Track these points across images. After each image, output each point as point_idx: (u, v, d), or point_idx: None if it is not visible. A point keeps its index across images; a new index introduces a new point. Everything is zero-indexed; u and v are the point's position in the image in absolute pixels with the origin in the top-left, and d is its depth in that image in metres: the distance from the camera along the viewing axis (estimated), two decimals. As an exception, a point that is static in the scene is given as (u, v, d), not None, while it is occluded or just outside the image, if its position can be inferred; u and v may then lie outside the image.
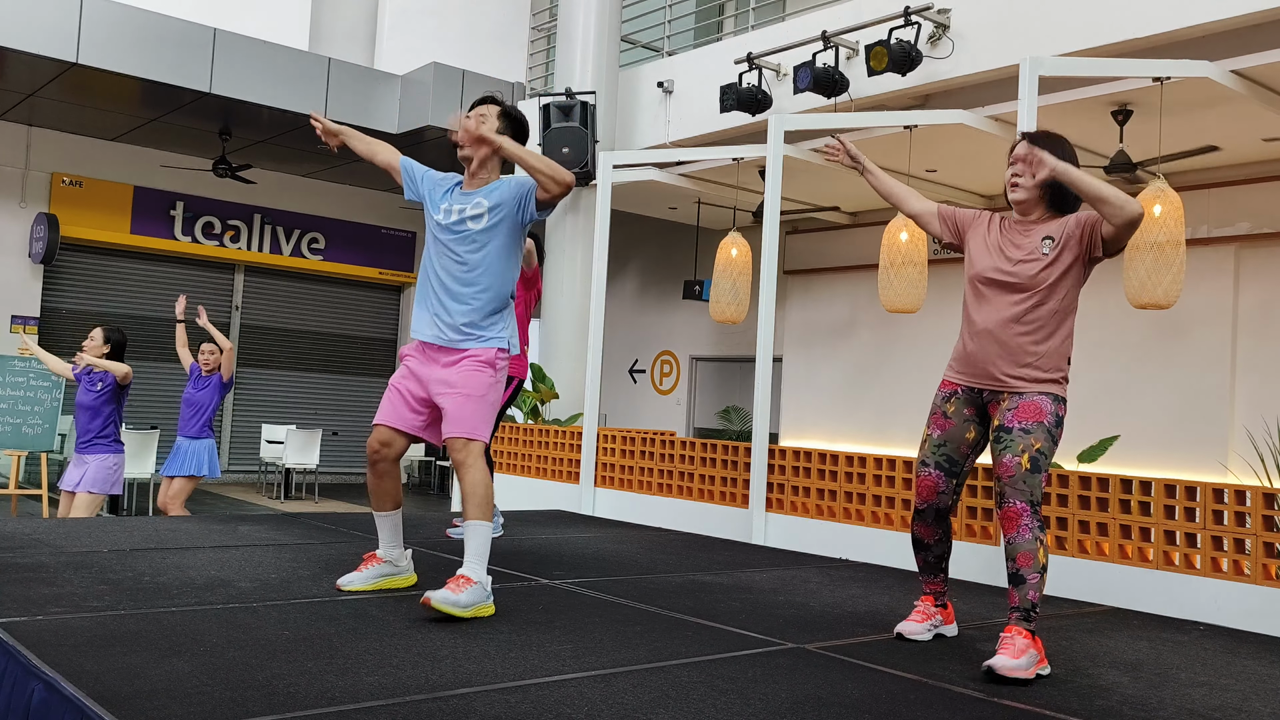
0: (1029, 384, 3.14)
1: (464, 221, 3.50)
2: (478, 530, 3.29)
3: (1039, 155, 3.09)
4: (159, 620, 2.92)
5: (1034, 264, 3.16)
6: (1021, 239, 3.24)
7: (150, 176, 13.14)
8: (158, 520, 5.30)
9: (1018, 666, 2.85)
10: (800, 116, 7.05)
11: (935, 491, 3.25)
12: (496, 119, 3.57)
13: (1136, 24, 6.65)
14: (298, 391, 14.65)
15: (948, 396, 3.31)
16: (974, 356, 3.24)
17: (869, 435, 10.49)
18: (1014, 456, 3.03)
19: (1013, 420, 3.09)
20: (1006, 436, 3.08)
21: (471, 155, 3.56)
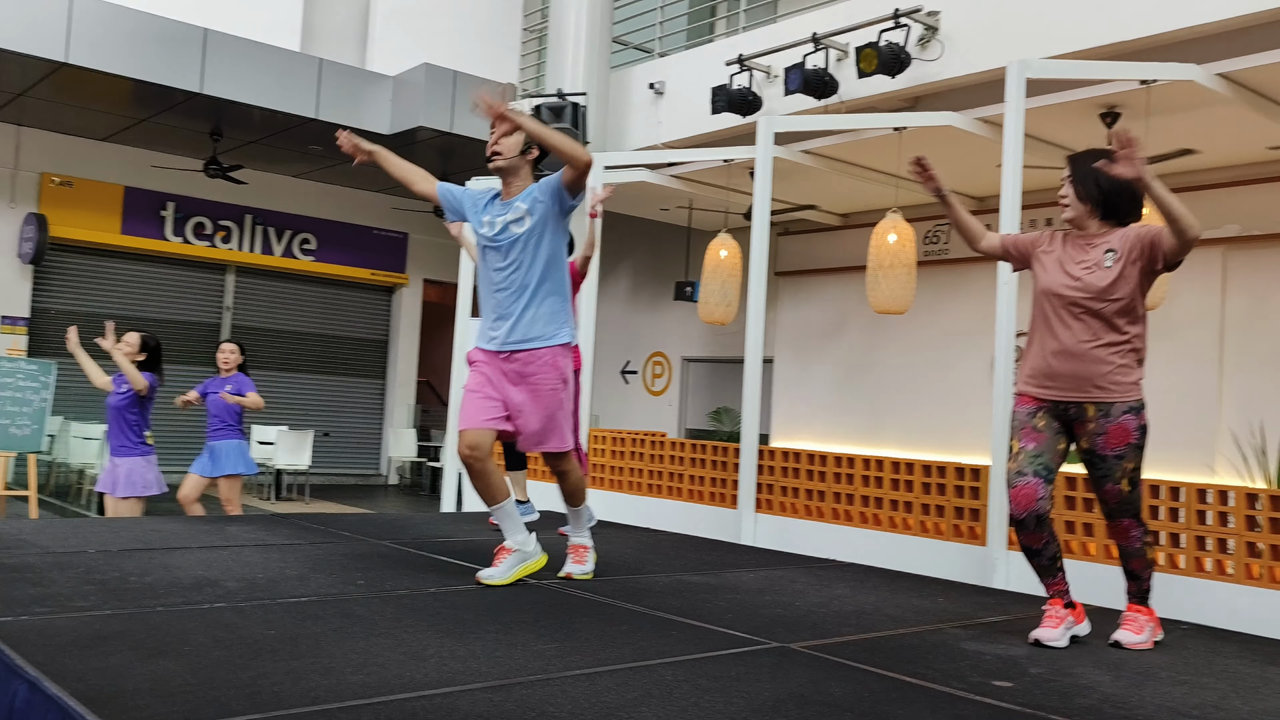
0: (1105, 392, 3.28)
1: (507, 228, 3.67)
2: (584, 512, 4.01)
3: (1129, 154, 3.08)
4: (144, 620, 2.92)
5: (1098, 275, 3.28)
6: (1084, 253, 3.35)
7: (141, 177, 13.12)
8: (146, 521, 5.30)
9: (1140, 641, 3.34)
10: (789, 118, 7.08)
11: (1035, 499, 3.31)
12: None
13: (1124, 27, 6.69)
14: (289, 392, 14.62)
15: (1033, 412, 3.41)
16: (1054, 372, 3.37)
17: (860, 436, 10.52)
18: (1114, 485, 3.33)
19: (1105, 448, 3.30)
20: (1104, 465, 3.32)
21: (505, 166, 3.72)
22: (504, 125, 3.70)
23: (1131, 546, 3.38)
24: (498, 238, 3.70)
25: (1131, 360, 3.31)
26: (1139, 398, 3.31)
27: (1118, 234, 3.31)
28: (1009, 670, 2.97)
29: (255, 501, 12.20)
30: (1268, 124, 6.82)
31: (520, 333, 3.68)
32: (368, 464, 15.38)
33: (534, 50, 12.76)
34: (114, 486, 6.41)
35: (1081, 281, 3.29)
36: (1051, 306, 3.37)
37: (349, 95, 11.32)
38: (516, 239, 3.66)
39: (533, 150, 3.78)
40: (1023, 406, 3.43)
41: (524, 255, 3.67)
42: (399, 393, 15.45)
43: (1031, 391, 3.42)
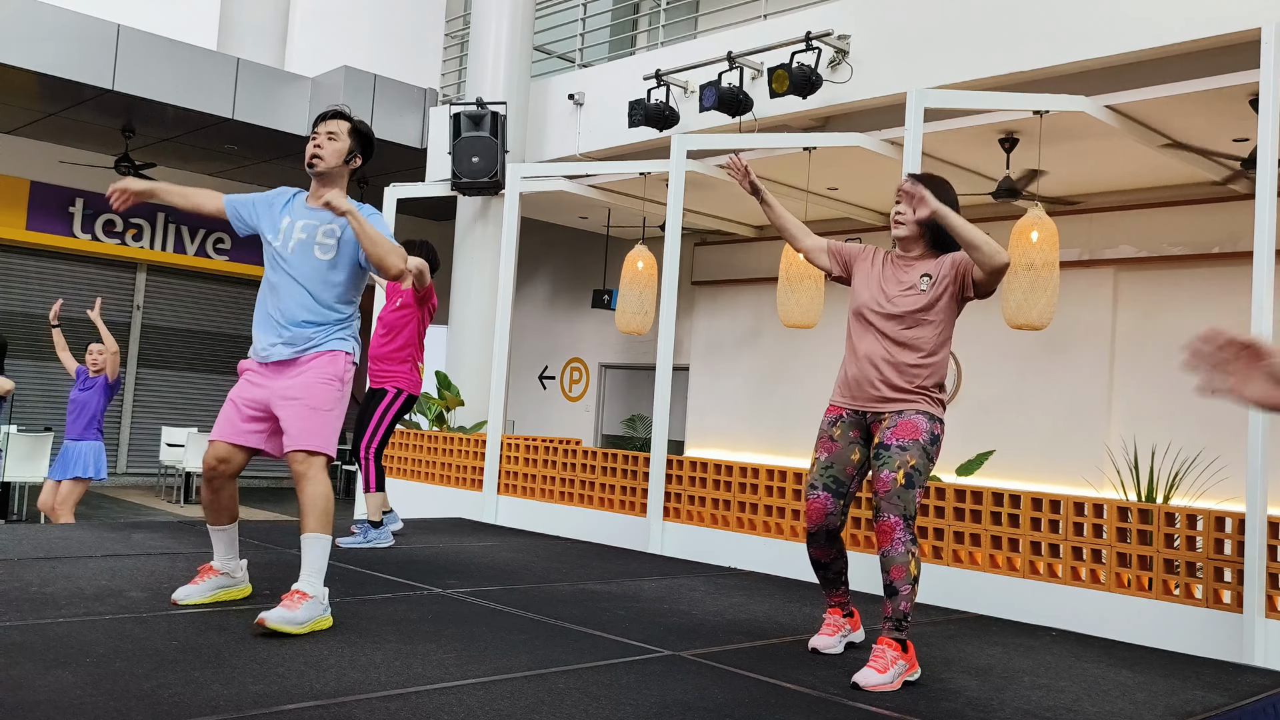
0: (906, 402, 3.33)
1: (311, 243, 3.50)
2: (318, 542, 3.29)
3: (921, 193, 3.27)
4: (45, 631, 2.96)
5: (912, 299, 3.37)
6: (903, 274, 3.44)
7: (48, 172, 12.81)
8: (49, 528, 5.25)
9: (884, 681, 3.04)
10: (702, 136, 7.25)
11: (824, 513, 3.39)
12: (347, 135, 3.57)
13: (1021, 58, 7.01)
14: (199, 393, 14.40)
15: (834, 421, 3.48)
16: (857, 381, 3.43)
17: (770, 444, 10.77)
18: (890, 472, 3.22)
19: (891, 438, 3.28)
20: (885, 453, 3.27)
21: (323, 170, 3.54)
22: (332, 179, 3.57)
23: (894, 550, 3.16)
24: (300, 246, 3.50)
25: (932, 381, 3.37)
26: (937, 413, 3.36)
27: (935, 260, 3.40)
28: (884, 675, 3.15)
29: (164, 505, 12.01)
30: (1151, 153, 7.20)
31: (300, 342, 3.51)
32: (279, 466, 15.19)
33: (455, 56, 12.78)
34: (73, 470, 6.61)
35: (894, 302, 3.38)
36: (861, 322, 3.47)
37: (266, 95, 11.23)
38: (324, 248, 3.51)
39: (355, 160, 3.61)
40: (826, 416, 3.52)
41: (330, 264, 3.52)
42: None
43: (835, 401, 3.53)
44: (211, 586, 3.58)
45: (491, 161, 9.27)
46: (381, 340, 5.51)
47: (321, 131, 3.55)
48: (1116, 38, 6.62)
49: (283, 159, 12.74)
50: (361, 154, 3.62)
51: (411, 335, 5.46)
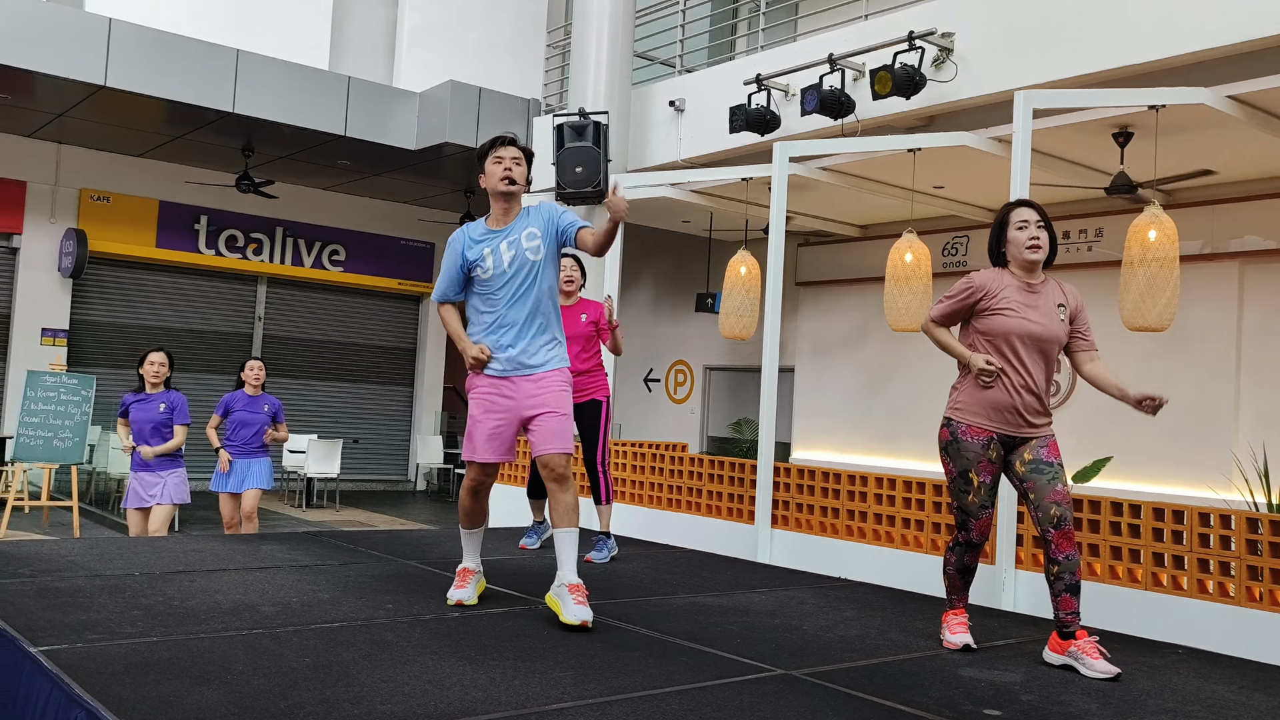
0: (1049, 426, 3.74)
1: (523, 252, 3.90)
2: (574, 537, 3.81)
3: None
4: (188, 647, 3.14)
5: (1057, 326, 3.70)
6: (1037, 299, 3.72)
7: (175, 191, 13.45)
8: (185, 540, 5.53)
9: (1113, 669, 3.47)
10: (803, 142, 7.22)
11: (990, 527, 3.76)
12: (525, 160, 3.99)
13: (1134, 50, 6.79)
14: (319, 401, 14.93)
15: (987, 444, 3.70)
16: (1010, 407, 3.67)
17: (878, 445, 10.66)
18: (1064, 486, 3.61)
19: (1050, 455, 3.65)
20: (1049, 469, 3.62)
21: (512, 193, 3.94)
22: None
23: (1078, 553, 3.60)
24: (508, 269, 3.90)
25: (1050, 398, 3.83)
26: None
27: (1060, 290, 3.75)
28: (1000, 698, 3.12)
29: (287, 509, 12.49)
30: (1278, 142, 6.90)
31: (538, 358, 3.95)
32: (396, 470, 15.65)
33: (558, 65, 12.96)
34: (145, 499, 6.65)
35: (1044, 327, 3.67)
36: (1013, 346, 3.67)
37: (376, 111, 11.57)
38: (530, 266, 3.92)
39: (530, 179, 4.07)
40: (975, 439, 3.70)
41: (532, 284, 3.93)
42: (426, 400, 15.72)
43: (982, 424, 3.70)
44: (475, 584, 4.07)
45: (595, 171, 9.37)
46: (579, 355, 5.69)
47: (506, 156, 3.95)
48: (1235, 26, 6.37)
49: (392, 172, 13.11)
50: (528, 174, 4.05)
51: (598, 346, 5.79)
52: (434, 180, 13.38)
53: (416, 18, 13.02)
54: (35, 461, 9.78)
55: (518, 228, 3.93)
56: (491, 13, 13.21)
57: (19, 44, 9.58)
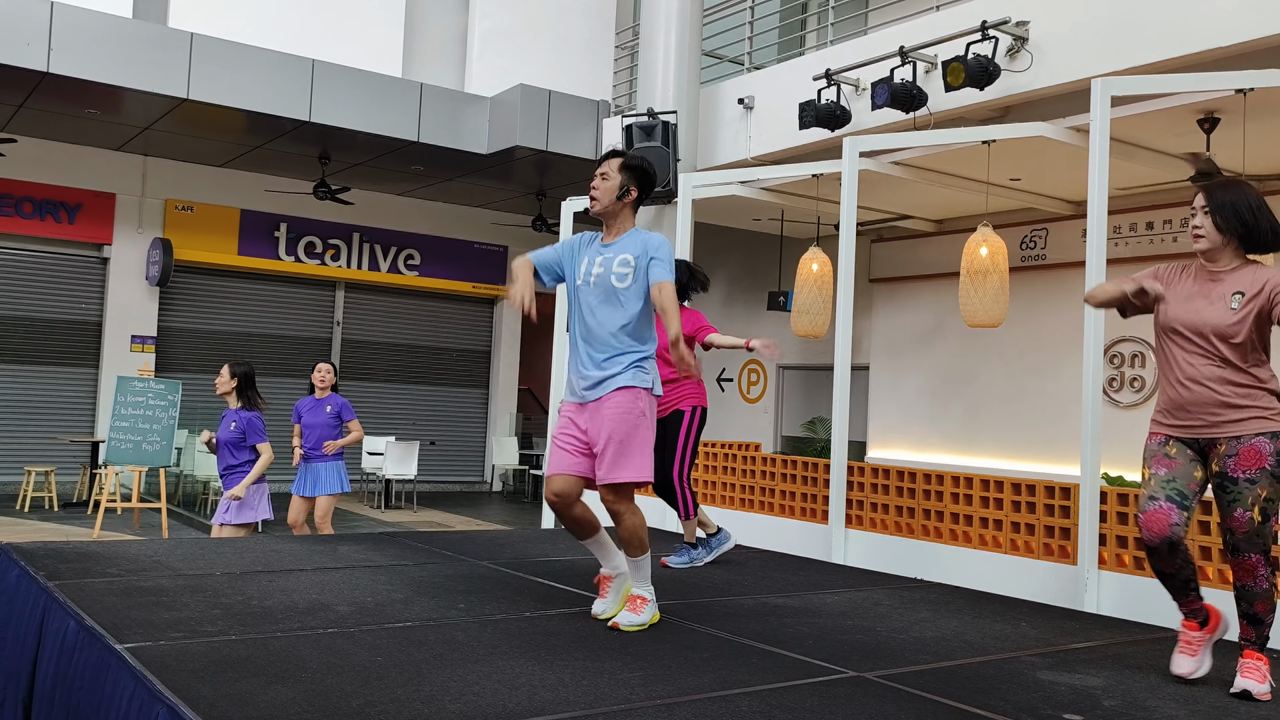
0: (1241, 425, 3.22)
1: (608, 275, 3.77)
2: (642, 563, 3.80)
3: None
4: (265, 645, 3.20)
5: (1222, 317, 3.25)
6: (1211, 288, 3.32)
7: (255, 200, 13.79)
8: (265, 540, 5.65)
9: (1264, 691, 3.17)
10: (874, 137, 7.12)
11: (1169, 524, 3.20)
12: (617, 172, 3.82)
13: (1218, 32, 6.56)
14: (397, 403, 15.18)
15: (1164, 441, 3.36)
16: (1183, 407, 3.32)
17: (956, 444, 10.47)
18: (1244, 511, 3.16)
19: (1236, 470, 3.19)
20: (1234, 488, 3.19)
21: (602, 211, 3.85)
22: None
23: (1258, 586, 3.20)
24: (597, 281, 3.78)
25: (1263, 395, 3.25)
26: (1277, 427, 3.22)
27: (1249, 275, 3.28)
28: (1081, 703, 3.03)
29: (365, 510, 12.71)
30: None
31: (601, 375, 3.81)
32: (472, 472, 15.83)
33: (626, 67, 12.98)
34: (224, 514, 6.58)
35: (1204, 319, 3.27)
36: (1176, 341, 3.34)
37: (449, 117, 11.72)
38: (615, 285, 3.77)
39: (631, 192, 3.83)
40: (1152, 439, 3.40)
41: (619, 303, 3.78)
42: (501, 402, 15.88)
43: (1159, 428, 3.39)
44: (617, 591, 3.91)
45: (664, 171, 9.37)
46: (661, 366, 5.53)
47: (596, 174, 3.84)
48: (1330, 3, 6.12)
49: (464, 177, 13.26)
50: (637, 186, 3.83)
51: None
52: (506, 184, 13.50)
53: (487, 23, 13.15)
54: (126, 464, 10.10)
55: (618, 248, 3.80)
56: (561, 16, 13.29)
57: (107, 61, 9.90)
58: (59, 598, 3.69)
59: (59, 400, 12.92)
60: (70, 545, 4.98)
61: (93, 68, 9.84)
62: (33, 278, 12.81)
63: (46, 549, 4.78)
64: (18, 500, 11.45)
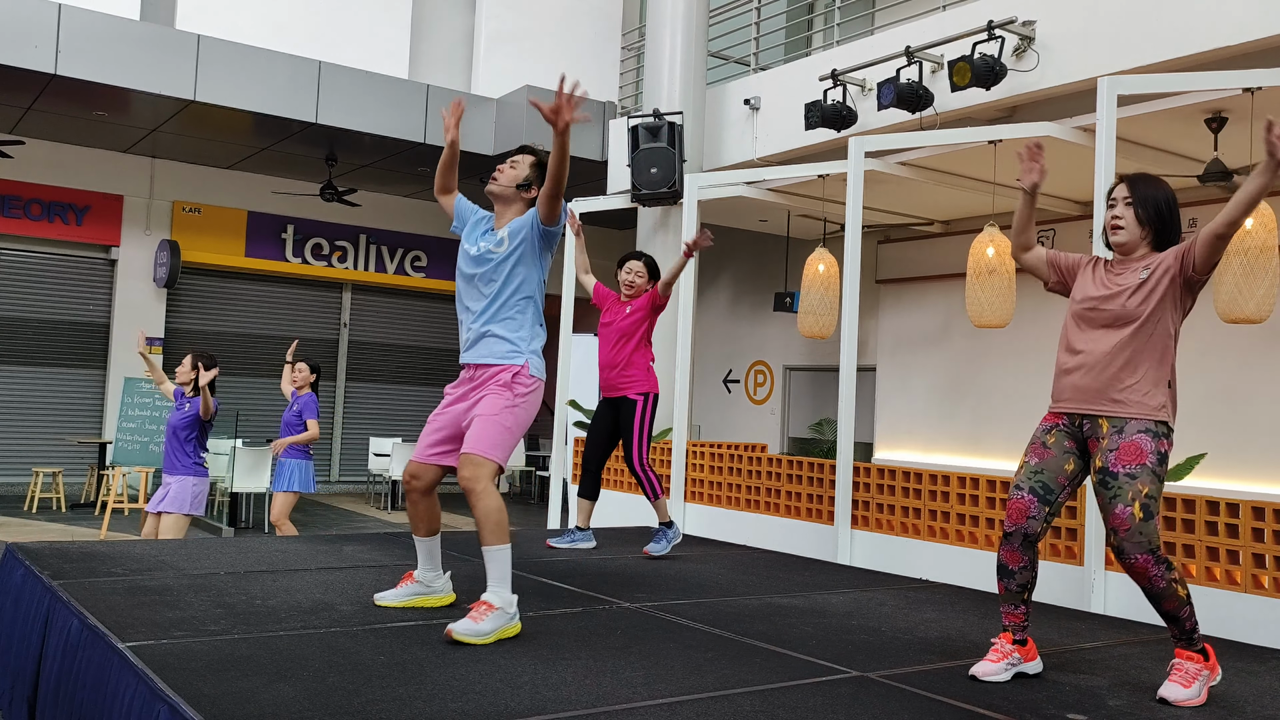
0: (1125, 415, 3.16)
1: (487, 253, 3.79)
2: (495, 555, 3.46)
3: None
4: (268, 644, 3.20)
5: (1130, 295, 3.22)
6: (1120, 271, 3.30)
7: (262, 202, 13.82)
8: (271, 541, 5.66)
9: (1190, 696, 3.04)
10: (879, 137, 7.10)
11: (1025, 515, 3.22)
12: (527, 166, 3.84)
13: (1227, 32, 6.54)
14: (403, 404, 15.19)
15: (1049, 429, 3.33)
16: (1071, 388, 3.28)
17: (964, 445, 10.43)
18: (1125, 507, 3.06)
19: (1116, 464, 3.10)
20: (1114, 483, 3.10)
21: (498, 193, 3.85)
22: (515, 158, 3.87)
23: (1156, 587, 3.07)
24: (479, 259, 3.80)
25: (1153, 388, 3.18)
26: (1161, 421, 3.16)
27: (1156, 255, 3.27)
28: (1086, 702, 3.02)
29: (371, 511, 12.72)
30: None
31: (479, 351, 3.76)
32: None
33: (633, 68, 12.97)
34: (158, 503, 6.48)
35: (1112, 301, 3.24)
36: (1074, 323, 3.33)
37: (455, 119, 11.71)
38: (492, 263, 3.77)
39: (532, 189, 3.84)
40: (1040, 425, 3.36)
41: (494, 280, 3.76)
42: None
43: (1051, 408, 3.36)
44: (408, 592, 3.87)
45: (670, 172, 9.37)
46: (615, 349, 5.52)
47: (507, 161, 3.89)
48: (1338, 2, 6.09)
49: (469, 179, 13.26)
50: (538, 185, 3.83)
51: (644, 338, 5.53)
52: (512, 185, 13.50)
53: (494, 25, 13.17)
54: (133, 465, 10.12)
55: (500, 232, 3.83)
56: (567, 17, 13.29)
57: (114, 63, 9.94)
58: (63, 597, 3.69)
59: (67, 401, 12.96)
60: (75, 545, 4.99)
61: (100, 70, 9.87)
62: (41, 279, 12.85)
63: (52, 549, 4.79)
64: (25, 501, 11.49)
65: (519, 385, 3.67)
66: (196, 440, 6.55)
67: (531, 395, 3.70)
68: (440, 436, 3.72)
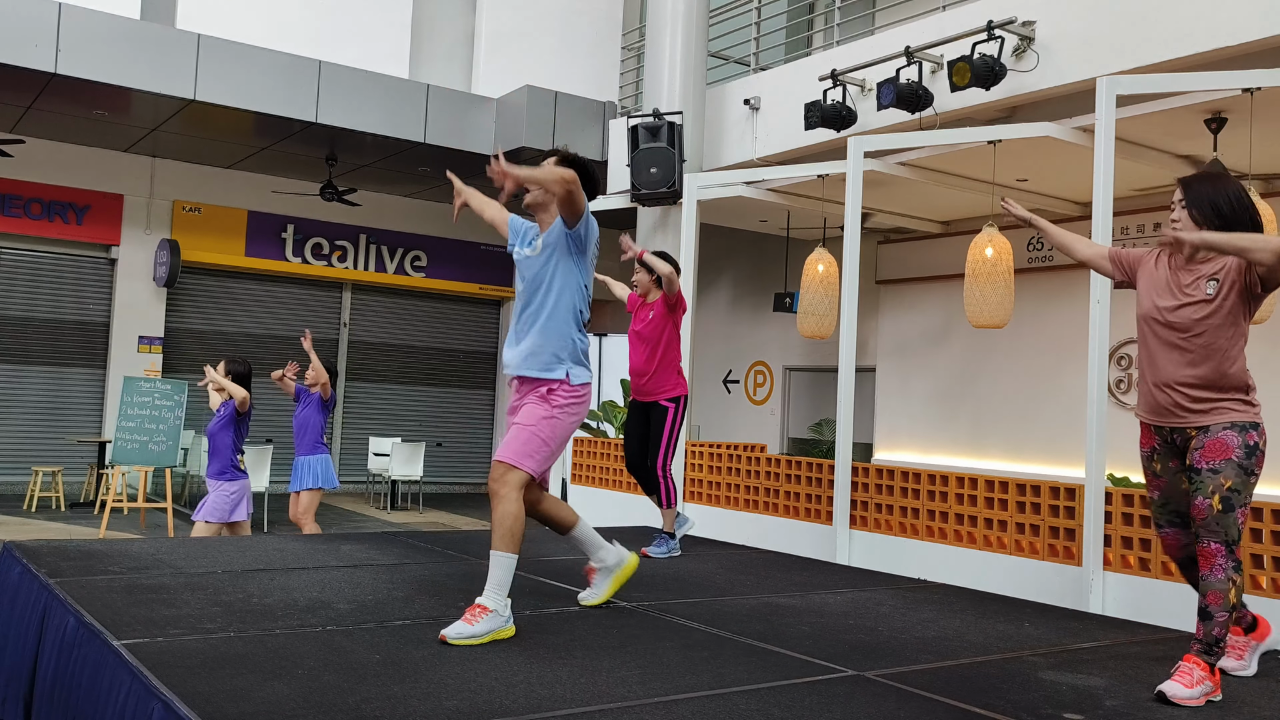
0: (1209, 420, 3.22)
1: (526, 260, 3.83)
2: (500, 561, 3.49)
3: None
4: (264, 642, 3.19)
5: (1196, 306, 3.25)
6: (1186, 277, 3.31)
7: (262, 201, 13.82)
8: (269, 540, 5.65)
9: (1190, 696, 3.06)
10: (879, 137, 7.10)
11: (1179, 547, 3.42)
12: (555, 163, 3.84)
13: (1226, 32, 6.52)
14: (403, 404, 15.19)
15: (1150, 455, 3.43)
16: (1154, 405, 3.36)
17: (964, 446, 10.43)
18: (1204, 499, 3.16)
19: (1200, 461, 3.20)
20: (1196, 478, 3.20)
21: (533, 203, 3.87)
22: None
23: (1214, 576, 3.13)
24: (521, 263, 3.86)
25: (1234, 384, 3.23)
26: (1249, 421, 3.21)
27: (1221, 260, 3.24)
28: (1083, 702, 3.01)
29: (371, 511, 12.72)
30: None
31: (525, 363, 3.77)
32: (479, 473, 15.83)
33: (633, 68, 12.97)
34: (199, 511, 6.62)
35: (1179, 311, 3.26)
36: (1148, 332, 3.36)
37: (455, 118, 11.73)
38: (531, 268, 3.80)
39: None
40: (1142, 450, 3.45)
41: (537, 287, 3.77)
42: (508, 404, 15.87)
43: (1142, 420, 3.42)
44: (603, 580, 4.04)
45: (669, 172, 9.36)
46: (642, 355, 5.55)
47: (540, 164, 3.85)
48: (1338, 2, 6.08)
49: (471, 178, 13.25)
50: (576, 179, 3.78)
51: (670, 342, 5.53)
52: (513, 185, 13.49)
53: (494, 25, 13.16)
54: (132, 464, 10.12)
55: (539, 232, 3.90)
56: (568, 17, 13.29)
57: (115, 62, 9.94)
58: (59, 594, 3.69)
59: (66, 401, 12.96)
60: (73, 543, 4.98)
61: (100, 69, 9.87)
62: (41, 278, 12.85)
63: (50, 547, 4.79)
64: (24, 500, 11.49)
65: (557, 397, 3.69)
66: (232, 444, 6.69)
67: (572, 405, 3.72)
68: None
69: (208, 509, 6.63)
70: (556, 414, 3.67)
